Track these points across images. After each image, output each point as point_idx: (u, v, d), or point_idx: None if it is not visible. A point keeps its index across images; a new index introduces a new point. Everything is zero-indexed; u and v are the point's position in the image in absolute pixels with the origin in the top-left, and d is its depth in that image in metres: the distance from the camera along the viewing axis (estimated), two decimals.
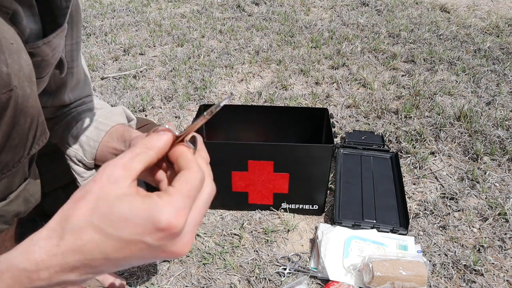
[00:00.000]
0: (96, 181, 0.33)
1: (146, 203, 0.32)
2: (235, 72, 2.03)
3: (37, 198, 0.77)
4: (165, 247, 0.33)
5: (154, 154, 0.36)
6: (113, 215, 0.32)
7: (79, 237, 0.32)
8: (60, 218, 0.34)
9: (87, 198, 0.33)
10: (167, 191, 0.34)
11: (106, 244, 0.32)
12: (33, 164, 0.74)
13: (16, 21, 0.63)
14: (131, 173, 0.34)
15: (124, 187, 0.33)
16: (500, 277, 1.04)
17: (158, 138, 0.36)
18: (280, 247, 1.12)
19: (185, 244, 0.34)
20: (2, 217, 0.70)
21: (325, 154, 1.10)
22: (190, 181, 0.35)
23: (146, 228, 0.32)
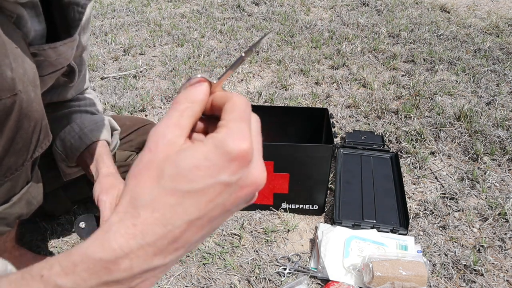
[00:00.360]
0: (151, 149, 0.31)
1: (209, 144, 0.30)
2: (235, 72, 2.03)
3: (39, 200, 0.77)
4: (243, 180, 0.31)
5: (199, 107, 0.33)
6: (182, 170, 0.29)
7: (155, 208, 0.29)
8: (128, 199, 0.30)
9: (148, 168, 0.30)
10: (220, 125, 0.32)
11: (185, 204, 0.30)
12: (36, 167, 0.74)
13: (20, 24, 0.63)
14: (184, 131, 0.32)
15: (180, 145, 0.31)
16: (500, 277, 1.04)
17: (197, 90, 0.34)
18: (280, 247, 1.12)
19: (261, 170, 0.32)
20: (4, 219, 0.70)
21: (325, 154, 1.10)
22: (236, 107, 0.33)
23: (219, 165, 0.29)
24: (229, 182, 0.30)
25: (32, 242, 1.12)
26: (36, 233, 1.15)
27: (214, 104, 0.35)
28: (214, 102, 0.35)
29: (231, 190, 0.30)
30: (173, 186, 0.29)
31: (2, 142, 0.60)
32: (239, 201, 0.32)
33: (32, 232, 1.15)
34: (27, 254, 0.92)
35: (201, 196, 0.30)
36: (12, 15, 0.61)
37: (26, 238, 1.13)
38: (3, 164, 0.63)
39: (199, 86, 0.34)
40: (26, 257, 0.91)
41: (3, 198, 0.68)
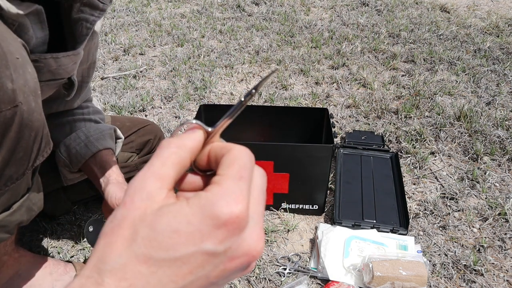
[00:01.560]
0: (126, 204, 0.26)
1: (194, 204, 0.26)
2: (235, 72, 2.03)
3: (39, 206, 0.77)
4: (233, 251, 0.26)
5: (186, 154, 0.28)
6: (158, 235, 0.25)
7: (123, 277, 0.24)
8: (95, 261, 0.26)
9: (121, 226, 0.26)
10: (213, 182, 0.27)
11: (159, 275, 0.25)
12: (37, 173, 0.74)
13: (22, 32, 0.63)
14: (165, 183, 0.27)
15: (161, 200, 0.26)
16: (500, 277, 1.04)
17: (188, 136, 0.29)
18: (280, 247, 1.12)
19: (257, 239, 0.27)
20: (4, 227, 0.70)
21: (325, 154, 1.10)
22: (236, 161, 0.28)
23: (204, 232, 0.25)
24: (215, 252, 0.25)
25: (32, 242, 1.12)
26: (36, 233, 1.15)
27: (211, 157, 0.30)
28: (211, 155, 0.30)
29: (217, 261, 0.26)
30: (147, 252, 0.25)
31: (2, 153, 0.60)
32: (227, 274, 0.27)
33: (32, 232, 1.15)
34: (27, 255, 0.92)
35: (179, 266, 0.25)
36: (14, 23, 0.61)
37: (26, 238, 1.13)
38: (4, 174, 0.63)
39: (191, 132, 0.30)
40: (26, 258, 0.91)
41: (3, 206, 0.67)
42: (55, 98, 0.92)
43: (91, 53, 0.92)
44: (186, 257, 0.25)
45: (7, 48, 0.57)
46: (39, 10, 0.64)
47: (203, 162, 0.30)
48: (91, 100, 1.09)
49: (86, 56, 0.90)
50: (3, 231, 0.70)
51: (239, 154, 0.28)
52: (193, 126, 0.30)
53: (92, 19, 0.77)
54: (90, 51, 0.91)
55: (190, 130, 0.30)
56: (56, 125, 0.97)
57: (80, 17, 0.75)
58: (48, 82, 0.74)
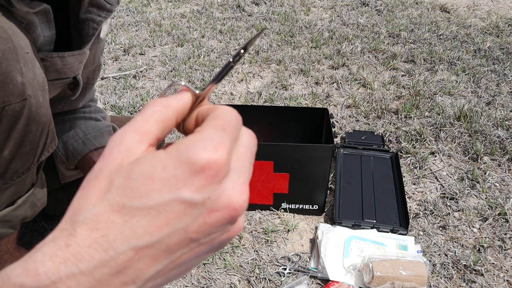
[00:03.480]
0: (104, 156, 0.25)
1: (172, 150, 0.24)
2: (235, 72, 2.03)
3: (43, 203, 0.77)
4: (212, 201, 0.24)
5: (171, 114, 0.27)
6: (132, 182, 0.23)
7: (94, 227, 0.23)
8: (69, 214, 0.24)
9: (97, 178, 0.25)
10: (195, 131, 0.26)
11: (133, 224, 0.23)
12: (41, 169, 0.75)
13: (30, 29, 0.64)
14: (146, 137, 0.26)
15: (140, 153, 0.25)
16: (500, 277, 1.04)
17: (175, 96, 0.28)
18: (280, 247, 1.12)
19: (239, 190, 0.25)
20: (9, 222, 0.70)
21: (325, 154, 1.10)
22: (221, 116, 0.27)
23: (180, 178, 0.23)
24: (192, 201, 0.23)
25: (32, 242, 1.12)
26: (36, 233, 1.15)
27: (199, 119, 0.29)
28: (199, 117, 0.29)
29: (195, 212, 0.24)
30: (121, 200, 0.23)
31: (10, 146, 0.61)
32: (208, 230, 0.24)
33: (32, 232, 1.15)
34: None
35: (154, 216, 0.23)
36: (23, 20, 0.62)
37: (26, 238, 1.13)
38: (10, 167, 0.63)
39: (179, 94, 0.29)
40: None
41: (8, 200, 0.68)
42: (60, 98, 0.92)
43: (97, 56, 0.93)
44: (161, 205, 0.23)
45: (17, 42, 0.57)
46: (47, 9, 0.65)
47: (191, 126, 0.29)
48: (95, 101, 1.10)
49: (92, 59, 0.90)
50: (7, 226, 0.70)
51: (225, 111, 0.27)
52: (181, 88, 0.29)
53: (99, 20, 0.77)
54: (96, 54, 0.91)
55: (178, 92, 0.29)
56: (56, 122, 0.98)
57: (87, 17, 0.76)
58: (53, 81, 0.75)
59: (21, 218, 0.72)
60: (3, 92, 0.56)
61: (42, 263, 0.23)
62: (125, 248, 0.23)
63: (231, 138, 0.25)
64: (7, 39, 0.56)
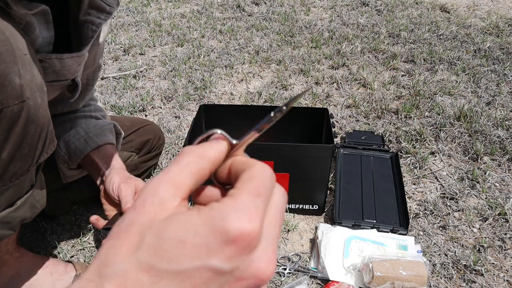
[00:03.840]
0: (136, 208, 0.25)
1: (204, 215, 0.24)
2: (235, 72, 2.03)
3: (42, 204, 0.77)
4: (240, 271, 0.24)
5: (207, 165, 0.27)
6: (164, 243, 0.24)
7: (122, 284, 0.23)
8: (97, 264, 0.24)
9: (128, 230, 0.25)
10: (229, 195, 0.26)
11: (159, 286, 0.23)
12: (40, 171, 0.75)
13: (28, 30, 0.64)
14: (180, 190, 0.26)
15: (173, 208, 0.25)
16: (500, 277, 1.04)
17: (210, 146, 0.28)
18: (280, 247, 1.12)
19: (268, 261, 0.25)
20: (8, 223, 0.70)
21: (325, 154, 1.10)
22: (256, 177, 0.26)
23: (211, 246, 0.23)
24: (221, 270, 0.24)
25: (32, 242, 1.12)
26: (36, 233, 1.15)
27: (232, 171, 0.28)
28: (232, 168, 0.29)
29: (222, 280, 0.24)
30: (150, 261, 0.23)
31: (8, 148, 0.61)
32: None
33: (32, 232, 1.15)
34: (27, 255, 0.92)
35: (181, 280, 0.23)
36: (21, 21, 0.62)
37: (26, 238, 1.13)
38: (9, 170, 0.63)
39: (215, 142, 0.28)
40: (26, 258, 0.91)
41: (7, 202, 0.68)
42: (59, 100, 0.92)
43: (97, 58, 0.93)
44: (190, 271, 0.23)
45: (15, 44, 0.57)
46: (45, 10, 0.65)
47: (223, 175, 0.29)
48: (95, 100, 1.10)
49: (92, 60, 0.90)
50: (7, 227, 0.70)
51: (260, 170, 0.27)
52: (217, 136, 0.28)
53: (98, 22, 0.77)
54: (96, 56, 0.92)
55: (214, 140, 0.28)
56: (57, 122, 0.98)
57: (87, 19, 0.76)
58: (52, 82, 0.75)
59: (20, 220, 0.72)
60: (1, 95, 0.56)
61: None
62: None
63: (264, 204, 0.25)
64: (5, 41, 0.56)
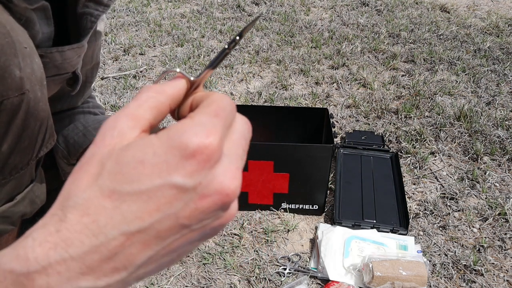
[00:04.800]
0: (96, 142, 0.25)
1: (163, 135, 0.24)
2: (235, 72, 2.03)
3: (42, 199, 0.78)
4: (203, 187, 0.24)
5: (165, 100, 0.27)
6: (123, 167, 0.23)
7: (86, 212, 0.23)
8: (60, 199, 0.24)
9: (89, 163, 0.24)
10: (187, 117, 0.25)
11: (123, 209, 0.23)
12: (40, 166, 0.75)
13: (29, 26, 0.65)
14: (139, 123, 0.26)
15: (132, 139, 0.25)
16: (500, 277, 1.04)
17: (169, 83, 0.28)
18: (280, 247, 1.12)
19: (231, 176, 0.25)
20: (8, 218, 0.71)
21: (325, 154, 1.10)
22: (214, 101, 0.26)
23: (171, 163, 0.23)
24: (183, 186, 0.23)
25: None
26: None
27: (193, 106, 0.29)
28: (193, 103, 0.29)
29: (186, 197, 0.23)
30: (111, 185, 0.23)
31: (8, 140, 0.61)
32: (200, 216, 0.24)
33: None
34: None
35: (144, 201, 0.23)
36: (22, 17, 0.62)
37: None
38: (9, 163, 0.64)
39: (174, 80, 0.28)
40: None
41: (7, 196, 0.68)
42: (59, 97, 0.93)
43: (95, 54, 0.93)
44: (152, 190, 0.23)
45: (16, 37, 0.58)
46: (45, 6, 0.66)
47: (186, 113, 0.29)
48: (93, 97, 1.11)
49: (91, 57, 0.91)
50: (7, 222, 0.71)
51: (218, 97, 0.27)
52: (176, 75, 0.29)
53: (96, 14, 0.78)
54: (94, 52, 0.92)
55: (172, 79, 0.29)
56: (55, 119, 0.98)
57: (85, 11, 0.76)
58: (53, 77, 0.75)
59: (20, 215, 0.72)
60: (1, 87, 0.56)
61: (32, 248, 0.23)
62: (116, 234, 0.23)
63: (223, 124, 0.25)
64: (6, 34, 0.56)
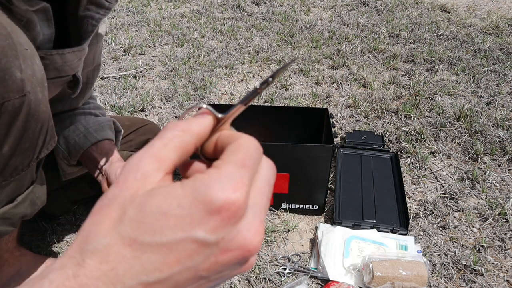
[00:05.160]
0: (119, 183, 0.24)
1: (189, 186, 0.23)
2: (235, 72, 2.03)
3: (43, 201, 0.78)
4: (226, 242, 0.23)
5: (191, 139, 0.26)
6: (146, 216, 0.23)
7: (104, 259, 0.23)
8: (79, 241, 0.24)
9: (110, 206, 0.24)
10: (213, 166, 0.25)
11: (143, 260, 0.23)
12: (40, 167, 0.75)
13: (29, 27, 0.65)
14: (163, 165, 0.25)
15: (156, 183, 0.24)
16: (500, 277, 1.04)
17: (195, 120, 0.27)
18: (280, 247, 1.12)
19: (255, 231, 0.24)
20: (8, 219, 0.71)
21: (325, 154, 1.10)
22: (241, 148, 0.25)
23: (195, 217, 0.22)
24: (205, 241, 0.23)
25: (32, 242, 1.12)
26: (36, 233, 1.15)
27: (219, 145, 0.28)
28: (218, 142, 0.28)
29: (207, 252, 0.23)
30: (133, 234, 0.23)
31: (9, 142, 0.61)
32: (219, 268, 0.24)
33: (32, 232, 1.15)
34: (27, 254, 0.92)
35: (165, 253, 0.23)
36: (22, 19, 0.62)
37: (26, 238, 1.13)
38: (10, 164, 0.64)
39: (200, 117, 0.27)
40: (27, 257, 0.91)
41: (8, 197, 0.68)
42: (59, 98, 0.93)
43: (96, 56, 0.93)
44: (173, 243, 0.23)
45: (17, 39, 0.58)
46: (46, 8, 0.66)
47: (210, 150, 0.28)
48: (94, 98, 1.10)
49: (92, 59, 0.91)
50: (7, 223, 0.71)
51: (246, 142, 0.26)
52: (202, 111, 0.27)
53: (97, 17, 0.78)
54: (96, 54, 0.92)
55: (199, 115, 0.27)
56: (56, 120, 0.98)
57: (86, 14, 0.76)
58: (53, 79, 0.75)
59: (21, 216, 0.72)
60: (3, 88, 0.56)
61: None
62: (134, 283, 0.23)
63: (250, 174, 0.25)
64: (7, 35, 0.56)
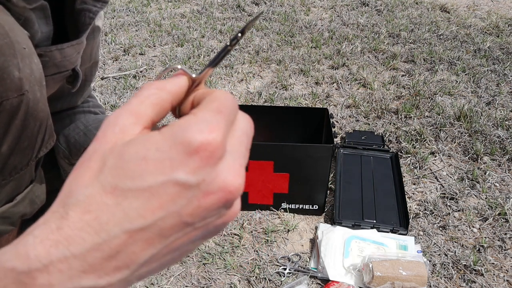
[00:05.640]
0: (99, 137, 0.25)
1: (166, 131, 0.23)
2: (235, 72, 2.03)
3: (42, 200, 0.78)
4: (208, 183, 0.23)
5: (167, 96, 0.27)
6: (125, 163, 0.23)
7: (88, 209, 0.22)
8: (61, 197, 0.24)
9: (90, 159, 0.24)
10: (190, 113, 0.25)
11: (125, 207, 0.22)
12: (40, 166, 0.75)
13: (27, 26, 0.65)
14: (140, 119, 0.25)
15: (134, 135, 0.25)
16: (500, 277, 1.04)
17: (170, 79, 0.28)
18: (280, 247, 1.12)
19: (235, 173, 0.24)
20: (8, 218, 0.71)
21: (325, 154, 1.10)
22: (217, 99, 0.26)
23: (175, 159, 0.23)
24: (187, 183, 0.23)
25: None
26: None
27: (195, 103, 0.28)
28: (194, 100, 0.29)
29: (189, 194, 0.23)
30: (113, 181, 0.23)
31: (8, 141, 0.61)
32: (203, 213, 0.24)
33: None
34: None
35: (147, 198, 0.23)
36: (20, 17, 0.62)
37: None
38: (9, 163, 0.64)
39: (175, 77, 0.28)
40: None
41: (7, 197, 0.68)
42: (58, 96, 0.93)
43: (94, 52, 0.93)
44: (154, 187, 0.22)
45: (14, 38, 0.58)
46: (44, 5, 0.66)
47: (187, 110, 0.29)
48: (93, 97, 1.11)
49: (89, 55, 0.90)
50: (7, 222, 0.71)
51: (221, 94, 0.26)
52: (178, 72, 0.29)
53: (95, 10, 0.78)
54: (93, 50, 0.92)
55: (174, 76, 0.28)
56: (56, 119, 0.98)
57: (83, 7, 0.77)
58: (53, 76, 0.75)
59: (20, 215, 0.72)
60: (1, 87, 0.57)
61: (33, 246, 0.22)
62: (118, 231, 0.22)
63: (226, 121, 0.25)
64: (4, 34, 0.56)
